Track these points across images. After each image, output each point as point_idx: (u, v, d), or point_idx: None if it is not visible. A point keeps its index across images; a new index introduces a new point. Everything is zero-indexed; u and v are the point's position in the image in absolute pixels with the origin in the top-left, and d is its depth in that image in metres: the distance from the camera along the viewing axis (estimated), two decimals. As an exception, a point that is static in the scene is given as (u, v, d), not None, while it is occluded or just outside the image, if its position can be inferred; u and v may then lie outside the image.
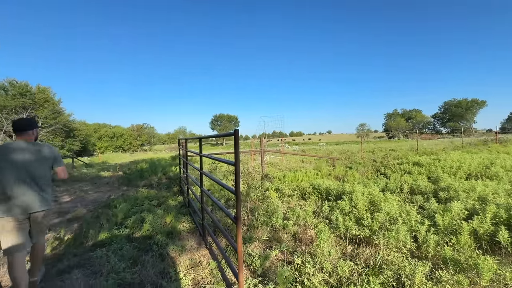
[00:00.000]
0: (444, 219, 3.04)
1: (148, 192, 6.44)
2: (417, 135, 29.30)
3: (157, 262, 2.88)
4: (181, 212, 4.65)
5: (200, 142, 3.50)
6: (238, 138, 2.02)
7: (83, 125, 45.10)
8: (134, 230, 3.83)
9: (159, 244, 3.24)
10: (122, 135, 55.10)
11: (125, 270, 2.62)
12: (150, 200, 5.28)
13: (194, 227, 4.01)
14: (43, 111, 29.45)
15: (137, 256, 3.01)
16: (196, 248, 3.29)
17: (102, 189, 7.87)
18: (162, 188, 6.99)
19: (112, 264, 2.73)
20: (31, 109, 28.62)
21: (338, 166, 8.82)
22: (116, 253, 3.08)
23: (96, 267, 2.81)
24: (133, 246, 3.25)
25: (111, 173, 11.82)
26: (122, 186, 8.09)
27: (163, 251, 3.09)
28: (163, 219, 4.06)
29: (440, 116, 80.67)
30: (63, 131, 32.42)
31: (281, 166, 10.18)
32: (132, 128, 61.83)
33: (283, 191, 5.60)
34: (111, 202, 5.58)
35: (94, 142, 47.57)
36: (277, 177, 6.85)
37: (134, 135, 58.11)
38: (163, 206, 4.88)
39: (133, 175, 9.07)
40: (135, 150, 53.41)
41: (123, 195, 6.44)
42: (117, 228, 3.83)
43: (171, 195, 5.90)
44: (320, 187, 5.26)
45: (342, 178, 6.81)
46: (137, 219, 4.09)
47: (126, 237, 3.56)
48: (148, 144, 63.34)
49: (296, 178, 6.73)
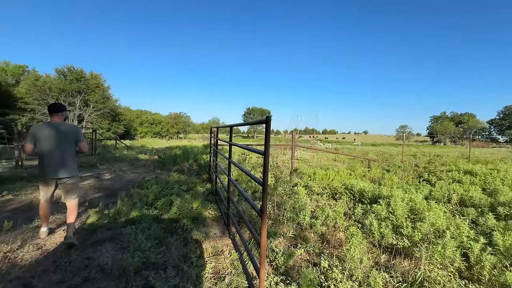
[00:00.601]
0: (505, 239, 2.57)
1: (179, 177, 6.65)
2: (469, 141, 26.24)
3: (181, 246, 2.90)
4: (208, 199, 4.68)
5: (231, 130, 3.42)
6: (269, 125, 1.87)
7: (127, 110, 48.78)
8: (163, 211, 3.94)
9: (184, 228, 3.27)
10: (161, 122, 58.42)
11: (150, 250, 2.68)
12: (180, 185, 5.43)
13: (219, 215, 4.00)
14: (94, 96, 32.35)
15: (163, 237, 3.08)
16: (220, 236, 3.26)
17: (138, 170, 8.36)
18: (192, 174, 7.18)
19: (139, 242, 2.82)
20: (84, 93, 31.61)
21: (374, 167, 8.21)
22: (144, 231, 3.18)
23: (125, 243, 2.93)
24: (160, 227, 3.33)
25: (148, 156, 12.55)
26: (156, 169, 8.51)
27: (188, 235, 3.11)
28: (190, 204, 4.12)
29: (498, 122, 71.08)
30: (110, 115, 35.34)
31: (311, 163, 9.83)
32: (170, 116, 65.20)
33: (312, 188, 5.36)
34: (144, 183, 5.87)
35: (136, 127, 51.22)
36: (307, 174, 6.59)
37: (171, 123, 61.23)
38: (192, 192, 4.98)
39: (167, 160, 9.49)
40: (171, 137, 56.36)
41: (156, 178, 6.75)
42: (147, 208, 3.99)
43: (200, 182, 6.01)
44: (353, 188, 4.91)
45: (378, 180, 6.30)
46: (166, 202, 4.21)
47: (154, 218, 3.68)
48: (183, 132, 66.36)
49: (327, 176, 6.41)
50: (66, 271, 2.38)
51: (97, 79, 34.39)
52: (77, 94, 30.87)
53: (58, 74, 32.20)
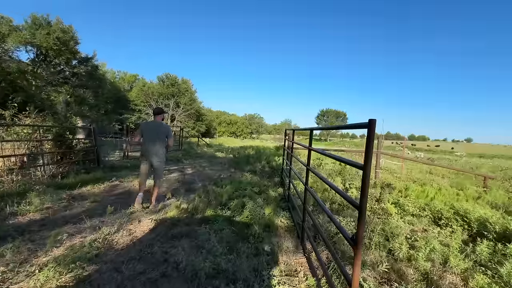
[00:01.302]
0: None
1: (251, 177, 6.67)
2: None
3: (252, 256, 2.71)
4: (280, 205, 4.42)
5: (311, 134, 3.04)
6: (373, 131, 1.42)
7: (209, 111, 54.24)
8: (235, 213, 3.88)
9: (256, 236, 3.08)
10: (237, 122, 62.44)
11: (221, 256, 2.58)
12: (252, 186, 5.37)
13: (291, 225, 3.67)
14: (183, 98, 37.21)
15: (234, 242, 2.96)
16: (293, 252, 2.92)
17: (215, 167, 8.88)
18: (264, 176, 7.09)
19: (211, 245, 2.77)
20: (176, 96, 36.69)
21: (493, 188, 6.29)
22: (217, 233, 3.15)
23: (199, 242, 2.94)
24: (232, 231, 3.25)
25: (224, 154, 13.36)
26: (231, 168, 8.85)
27: (259, 245, 2.90)
28: (262, 210, 3.94)
29: None
30: (195, 115, 39.95)
31: (399, 175, 8.35)
32: (245, 117, 69.11)
33: (405, 208, 4.40)
34: (220, 181, 6.09)
35: (215, 126, 56.35)
36: (397, 188, 5.53)
37: (245, 123, 64.72)
38: (264, 195, 4.82)
39: (241, 160, 9.80)
40: (245, 137, 59.49)
41: (230, 176, 6.97)
42: (221, 208, 4.01)
43: (272, 185, 5.83)
44: (467, 214, 3.75)
45: (505, 207, 4.70)
46: (239, 203, 4.16)
47: (227, 219, 3.65)
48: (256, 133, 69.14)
49: (424, 194, 5.21)
50: (148, 262, 2.51)
51: (186, 84, 39.40)
52: (171, 97, 36.09)
53: (159, 81, 38.43)
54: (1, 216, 3.40)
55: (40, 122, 6.07)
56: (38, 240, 2.84)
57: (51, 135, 6.03)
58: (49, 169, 5.43)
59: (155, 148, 4.02)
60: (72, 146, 6.40)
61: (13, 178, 4.46)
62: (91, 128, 6.89)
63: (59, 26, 20.47)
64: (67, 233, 3.02)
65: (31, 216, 3.54)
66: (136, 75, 45.09)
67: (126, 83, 42.15)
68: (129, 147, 8.89)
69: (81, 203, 4.23)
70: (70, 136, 6.39)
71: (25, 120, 5.93)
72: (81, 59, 23.24)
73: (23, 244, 2.69)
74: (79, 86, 22.81)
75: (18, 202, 3.82)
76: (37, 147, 5.47)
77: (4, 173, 4.44)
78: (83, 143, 6.79)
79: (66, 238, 2.86)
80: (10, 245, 2.60)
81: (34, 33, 19.07)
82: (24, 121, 5.91)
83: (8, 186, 4.25)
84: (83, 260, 2.41)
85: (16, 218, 3.42)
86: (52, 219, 3.48)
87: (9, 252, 2.48)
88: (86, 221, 3.37)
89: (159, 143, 4.04)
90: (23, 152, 5.12)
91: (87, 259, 2.45)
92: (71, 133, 6.45)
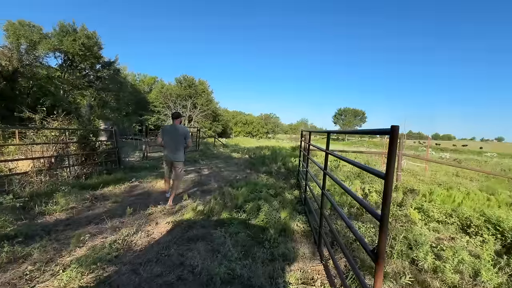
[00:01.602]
0: None
1: (267, 179, 6.62)
2: None
3: (267, 261, 2.67)
4: (296, 209, 4.34)
5: (328, 137, 2.96)
6: (396, 139, 1.34)
7: (225, 112, 54.81)
8: (250, 216, 3.86)
9: (271, 241, 3.04)
10: (252, 122, 62.60)
11: (236, 261, 2.56)
12: (268, 188, 5.32)
13: (308, 230, 3.58)
14: (200, 99, 37.87)
15: (249, 246, 2.94)
16: (309, 258, 2.85)
17: (231, 168, 8.92)
18: (280, 178, 7.02)
19: (227, 250, 2.76)
20: (194, 97, 37.40)
21: (530, 193, 5.80)
22: (232, 237, 3.14)
23: (215, 246, 2.94)
24: (247, 234, 3.23)
25: (240, 155, 13.41)
26: (246, 169, 8.85)
27: (274, 250, 2.85)
28: (278, 213, 3.88)
29: None
30: (212, 115, 40.53)
31: (423, 177, 7.94)
32: (260, 117, 69.09)
33: (429, 213, 4.16)
34: (235, 182, 6.10)
35: (231, 126, 56.85)
36: (420, 192, 5.25)
37: (261, 123, 64.70)
38: (279, 198, 4.77)
39: (256, 160, 9.78)
40: (261, 137, 59.49)
41: (246, 177, 6.96)
42: (236, 211, 4.01)
43: (288, 188, 5.75)
44: (500, 222, 3.47)
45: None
46: (254, 206, 4.13)
47: (242, 222, 3.63)
48: (272, 132, 68.89)
49: (451, 199, 4.91)
50: (165, 265, 2.54)
51: (203, 85, 40.05)
52: (189, 98, 36.84)
53: (176, 82, 39.36)
54: (30, 216, 3.60)
55: (66, 125, 6.39)
56: (63, 239, 2.97)
57: (76, 137, 6.34)
58: (74, 170, 5.71)
59: (175, 150, 4.37)
60: (95, 148, 6.69)
61: (41, 179, 4.72)
62: (113, 130, 7.16)
63: (84, 33, 21.55)
64: (89, 233, 3.14)
65: (57, 215, 3.72)
66: (155, 77, 46.51)
67: (146, 85, 43.60)
68: (148, 148, 9.16)
69: (103, 203, 4.40)
70: (93, 138, 6.69)
71: (53, 123, 6.27)
72: (104, 63, 24.34)
73: (50, 244, 2.83)
74: (102, 89, 23.88)
75: (46, 202, 4.04)
76: (63, 149, 5.76)
77: (34, 174, 4.71)
78: (105, 145, 7.07)
79: (88, 239, 2.97)
80: (38, 244, 2.74)
81: (62, 40, 20.21)
82: (52, 124, 6.25)
83: (37, 186, 4.50)
84: (103, 261, 2.49)
85: (44, 217, 3.61)
86: (76, 219, 3.64)
87: (37, 251, 2.61)
88: (107, 222, 3.49)
89: (178, 145, 4.37)
90: (51, 154, 5.41)
91: (107, 260, 2.53)
92: (94, 135, 6.75)
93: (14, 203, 3.56)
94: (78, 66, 22.51)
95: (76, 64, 22.29)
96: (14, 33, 18.19)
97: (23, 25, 18.98)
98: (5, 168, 4.97)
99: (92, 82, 23.63)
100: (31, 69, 19.23)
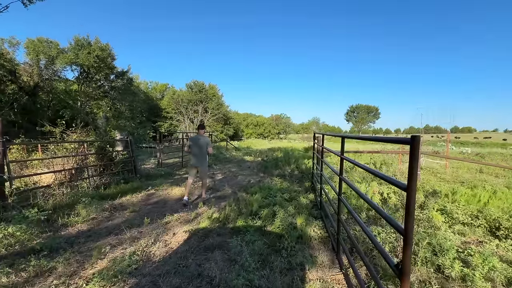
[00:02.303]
0: None
1: (281, 183, 6.57)
2: None
3: (285, 271, 2.63)
4: (312, 213, 4.27)
5: (343, 141, 2.89)
6: (417, 149, 1.28)
7: (236, 114, 55.08)
8: (266, 223, 3.84)
9: (288, 249, 3.00)
10: (263, 123, 62.52)
11: (254, 271, 2.54)
12: (282, 193, 5.28)
13: (325, 235, 3.51)
14: (211, 103, 38.26)
15: (266, 255, 2.91)
16: (328, 266, 2.78)
17: (244, 172, 8.93)
18: (294, 181, 6.95)
19: (244, 260, 2.75)
20: (204, 102, 37.84)
21: None
22: (249, 245, 3.12)
23: (232, 255, 2.94)
24: (264, 242, 3.20)
25: (252, 158, 13.41)
26: (260, 172, 8.83)
27: (292, 259, 2.81)
28: (294, 219, 3.83)
29: None
30: (223, 119, 40.82)
31: (444, 175, 7.62)
32: (271, 117, 68.93)
33: (453, 215, 3.98)
34: (249, 187, 6.09)
35: (242, 129, 57.05)
36: (442, 192, 5.03)
37: (272, 124, 64.50)
38: (294, 203, 4.71)
39: (269, 163, 9.74)
40: (273, 138, 59.29)
41: (259, 182, 6.94)
42: (251, 218, 3.99)
43: (303, 191, 5.67)
44: (533, 223, 3.26)
45: None
46: (269, 212, 4.10)
47: (258, 229, 3.61)
48: (284, 133, 68.52)
49: (476, 198, 4.67)
50: (183, 276, 2.56)
51: (213, 89, 40.46)
52: (200, 103, 37.34)
53: (187, 88, 39.99)
54: (54, 228, 3.74)
55: (84, 137, 6.63)
56: (85, 251, 3.06)
57: (94, 149, 6.55)
58: (94, 180, 5.89)
59: (199, 156, 5.13)
60: (113, 158, 6.89)
61: (63, 191, 4.91)
62: (128, 140, 7.35)
63: (98, 45, 22.35)
64: (110, 244, 3.22)
65: (79, 227, 3.85)
66: (167, 84, 47.44)
67: (158, 92, 44.57)
68: (162, 156, 9.33)
69: (121, 213, 4.51)
70: (110, 149, 6.89)
71: (72, 135, 6.52)
72: (118, 73, 25.11)
73: (73, 256, 2.92)
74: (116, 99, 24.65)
75: (68, 213, 4.19)
76: (82, 160, 5.97)
77: (56, 186, 4.90)
78: (122, 155, 7.27)
79: (109, 250, 3.05)
80: (62, 258, 2.83)
81: (77, 53, 21.05)
82: (71, 136, 6.50)
83: (59, 198, 4.68)
84: (124, 273, 2.54)
85: (67, 229, 3.74)
86: (97, 230, 3.75)
87: (61, 265, 2.70)
88: (126, 232, 3.57)
89: (202, 151, 5.12)
90: (71, 166, 5.62)
91: (128, 272, 2.57)
92: (111, 146, 6.95)
93: (39, 216, 3.72)
94: (93, 78, 23.35)
95: (92, 76, 23.13)
96: (34, 50, 19.13)
97: (41, 41, 19.93)
98: (30, 181, 5.20)
99: (107, 92, 24.45)
100: (50, 83, 20.15)
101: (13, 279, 2.43)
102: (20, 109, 18.11)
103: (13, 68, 17.26)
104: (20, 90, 17.84)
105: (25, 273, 2.53)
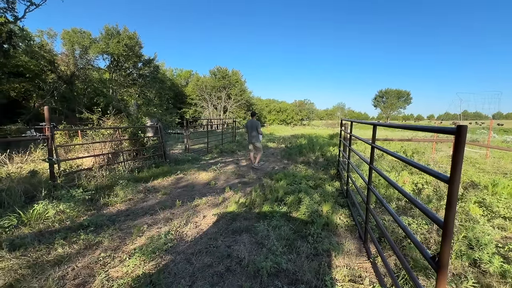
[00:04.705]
0: None
1: (305, 170, 6.54)
2: None
3: (312, 256, 2.69)
4: (338, 201, 4.23)
5: (374, 130, 2.78)
6: (463, 140, 1.20)
7: (259, 100, 54.84)
8: (291, 209, 3.89)
9: (314, 235, 3.03)
10: (286, 109, 61.68)
11: (281, 255, 2.61)
12: (307, 180, 5.27)
13: (352, 224, 3.48)
14: (234, 89, 38.38)
15: (293, 240, 2.97)
16: (355, 254, 2.78)
17: (268, 158, 9.00)
18: (319, 168, 6.88)
19: (271, 244, 2.83)
20: (228, 88, 38.03)
21: None
22: (275, 230, 3.20)
23: (259, 239, 3.04)
24: (290, 228, 3.26)
25: (275, 144, 13.41)
26: (283, 159, 8.84)
27: (318, 245, 2.84)
28: (320, 206, 3.84)
29: None
30: (246, 105, 40.91)
31: (483, 165, 7.07)
32: (294, 103, 67.64)
33: (493, 208, 3.72)
34: (274, 173, 6.15)
35: (265, 115, 56.83)
36: (482, 184, 4.70)
37: (296, 110, 63.40)
38: (320, 190, 4.69)
39: (293, 150, 9.69)
40: (296, 124, 58.48)
41: (284, 169, 6.97)
42: (277, 204, 4.06)
43: (328, 179, 5.61)
44: None
45: None
46: (295, 199, 4.14)
47: (284, 215, 3.68)
48: (307, 119, 67.17)
49: (520, 191, 4.30)
50: (214, 256, 2.72)
51: (236, 75, 40.37)
52: (223, 89, 37.60)
53: (211, 74, 40.32)
54: (97, 206, 4.12)
55: (118, 124, 7.05)
56: (125, 229, 3.35)
57: (127, 134, 6.96)
58: (128, 164, 6.32)
59: (253, 135, 7.09)
60: (144, 144, 7.29)
61: (103, 173, 5.33)
62: (158, 126, 7.70)
63: (126, 34, 23.11)
64: (146, 223, 3.49)
65: (118, 206, 4.20)
66: (191, 71, 48.17)
67: (183, 79, 45.49)
68: (189, 141, 9.67)
69: (154, 195, 4.82)
70: (142, 135, 7.27)
71: (107, 122, 6.97)
72: (145, 61, 25.95)
73: (115, 233, 3.21)
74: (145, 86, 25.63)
75: (108, 194, 4.57)
76: (118, 145, 6.39)
77: (96, 169, 5.34)
78: (152, 140, 7.65)
79: (146, 229, 3.31)
80: (106, 233, 3.14)
81: (108, 42, 22.00)
82: (107, 123, 6.95)
83: (100, 180, 5.10)
84: (161, 250, 2.76)
85: (108, 208, 4.10)
86: (134, 210, 4.06)
87: (106, 239, 2.99)
88: (160, 213, 3.84)
89: (255, 132, 7.11)
90: (108, 151, 6.06)
91: (164, 250, 2.79)
92: (142, 132, 7.34)
93: (84, 196, 4.10)
94: (123, 66, 24.40)
95: (121, 64, 24.18)
96: (70, 40, 20.32)
97: (75, 32, 21.07)
98: (74, 164, 5.70)
99: (135, 80, 25.50)
100: (85, 71, 21.42)
101: (67, 250, 2.76)
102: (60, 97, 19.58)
103: (52, 59, 18.53)
104: (59, 79, 19.20)
105: (77, 246, 2.85)
